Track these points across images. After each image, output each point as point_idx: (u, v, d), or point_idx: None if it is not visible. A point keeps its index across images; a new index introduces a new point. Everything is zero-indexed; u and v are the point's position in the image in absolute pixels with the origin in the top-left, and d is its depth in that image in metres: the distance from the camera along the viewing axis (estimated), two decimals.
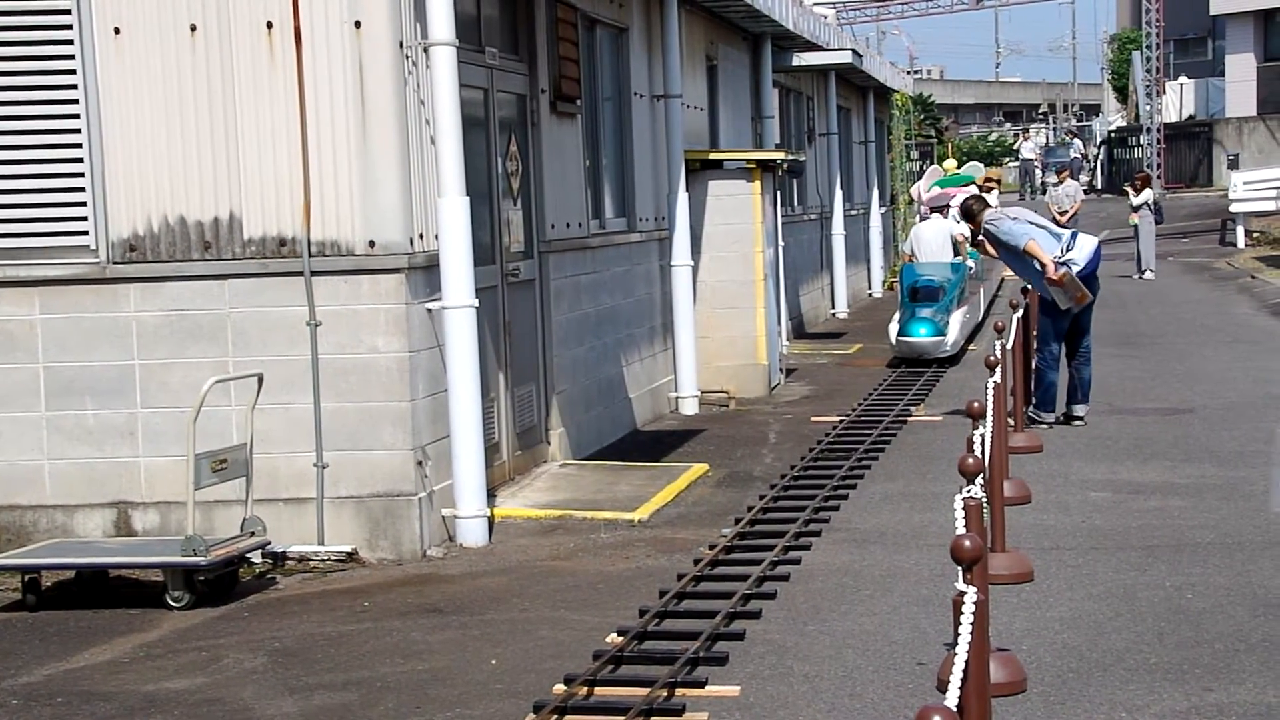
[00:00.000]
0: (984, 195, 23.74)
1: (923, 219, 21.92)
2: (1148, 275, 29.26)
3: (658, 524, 10.09)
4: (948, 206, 20.85)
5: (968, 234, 20.76)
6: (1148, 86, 56.28)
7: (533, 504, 10.48)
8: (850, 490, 10.76)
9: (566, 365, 12.21)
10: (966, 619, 4.08)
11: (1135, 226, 29.60)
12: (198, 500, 8.52)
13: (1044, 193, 67.95)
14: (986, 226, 13.39)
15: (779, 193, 17.87)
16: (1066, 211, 30.37)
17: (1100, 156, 65.97)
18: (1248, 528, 9.27)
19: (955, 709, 3.63)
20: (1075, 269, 12.89)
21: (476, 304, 9.48)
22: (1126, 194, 31.11)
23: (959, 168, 32.98)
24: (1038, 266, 12.92)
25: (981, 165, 33.52)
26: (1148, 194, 29.45)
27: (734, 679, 6.67)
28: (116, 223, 9.33)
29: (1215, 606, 7.60)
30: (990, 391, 8.39)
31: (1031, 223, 13.44)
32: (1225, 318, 22.00)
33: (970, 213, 13.76)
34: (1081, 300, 12.96)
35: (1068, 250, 12.97)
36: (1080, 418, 13.31)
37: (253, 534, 8.84)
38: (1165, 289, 27.52)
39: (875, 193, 30.54)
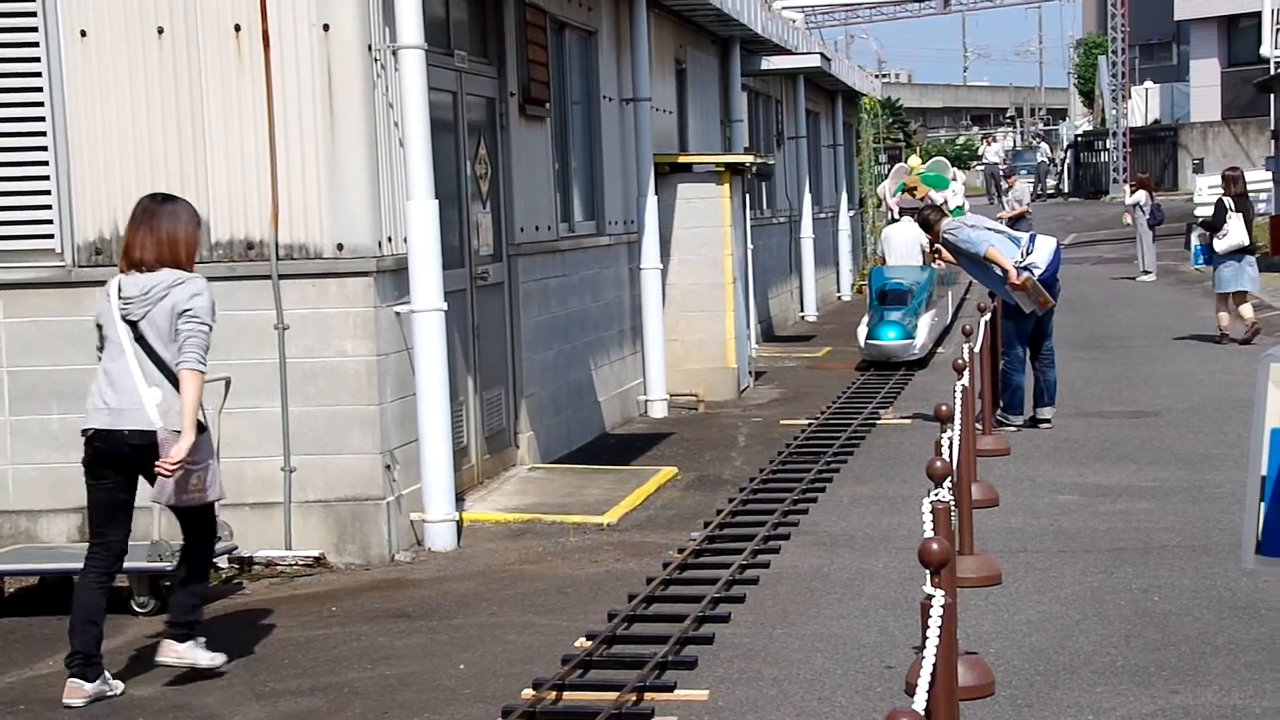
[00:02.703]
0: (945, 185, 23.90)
1: (893, 220, 21.94)
2: (1141, 278, 29.45)
3: (626, 527, 10.08)
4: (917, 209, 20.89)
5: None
6: (1113, 91, 56.53)
7: (501, 508, 10.46)
8: (819, 493, 10.76)
9: (535, 368, 12.19)
10: (934, 622, 4.08)
11: (1134, 226, 29.89)
12: None
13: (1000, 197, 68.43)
14: (945, 235, 13.43)
15: (748, 196, 17.89)
16: (1016, 208, 30.48)
17: (1067, 160, 66.24)
18: (1214, 530, 9.31)
19: (923, 712, 3.63)
20: (1036, 272, 12.93)
21: (445, 307, 9.46)
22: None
23: (924, 164, 33.06)
24: (999, 272, 12.96)
25: (946, 160, 33.57)
26: (1140, 195, 29.64)
27: (703, 683, 6.67)
28: (82, 226, 9.28)
29: (1182, 609, 7.63)
30: (958, 395, 8.41)
31: (989, 229, 13.50)
32: (1190, 320, 22.09)
33: (927, 223, 13.82)
34: (1045, 304, 13.00)
35: (1028, 254, 13.02)
36: (1046, 420, 13.35)
37: (219, 539, 8.79)
38: (1131, 292, 27.65)
39: (844, 196, 30.59)
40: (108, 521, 6.98)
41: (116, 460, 6.88)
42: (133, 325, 6.87)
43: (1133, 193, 30.24)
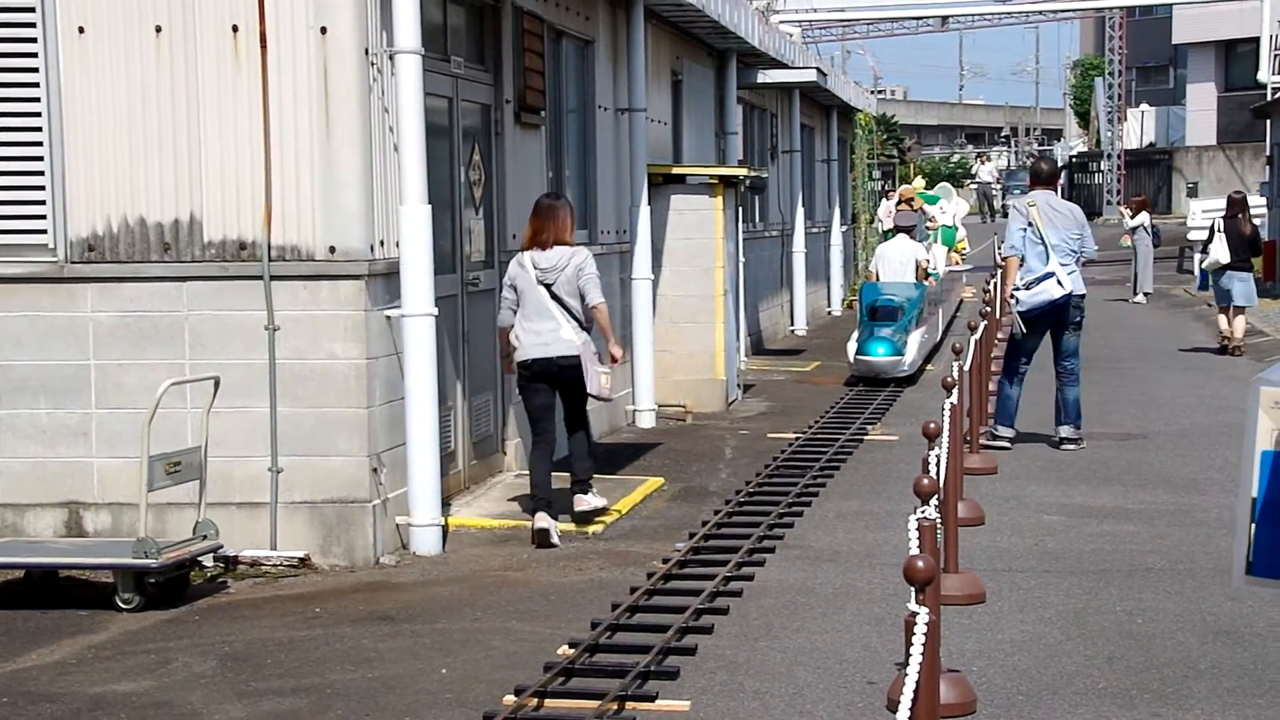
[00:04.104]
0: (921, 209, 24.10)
1: (886, 236, 21.97)
2: (1138, 299, 29.61)
3: (612, 536, 10.08)
4: (914, 227, 20.89)
5: (929, 258, 20.91)
6: (1109, 113, 56.68)
7: (487, 514, 10.46)
8: (805, 507, 10.77)
9: None
10: (918, 639, 4.08)
11: (1133, 248, 30.02)
12: (150, 502, 8.47)
13: (1005, 215, 68.28)
14: (1011, 203, 13.64)
15: (741, 209, 17.90)
16: None
17: (1061, 181, 66.38)
18: (1199, 554, 9.33)
19: None
20: (1018, 308, 12.95)
21: (436, 312, 9.46)
22: (1122, 216, 31.38)
23: (928, 187, 33.13)
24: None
25: (950, 186, 33.57)
26: (1144, 217, 29.80)
27: (684, 694, 6.67)
28: (75, 222, 9.28)
29: (1165, 632, 7.64)
30: (946, 412, 8.42)
31: (1023, 233, 13.01)
32: (1183, 343, 22.13)
33: (1035, 174, 13.89)
34: (1025, 332, 13.06)
35: (1028, 286, 12.94)
36: (1068, 440, 13.16)
37: (205, 537, 8.80)
38: (1123, 315, 27.68)
39: (836, 211, 30.62)
40: (544, 419, 10.09)
41: (547, 377, 9.95)
42: (548, 287, 9.89)
43: (1134, 215, 30.28)
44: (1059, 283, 12.91)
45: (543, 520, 9.79)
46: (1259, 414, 3.72)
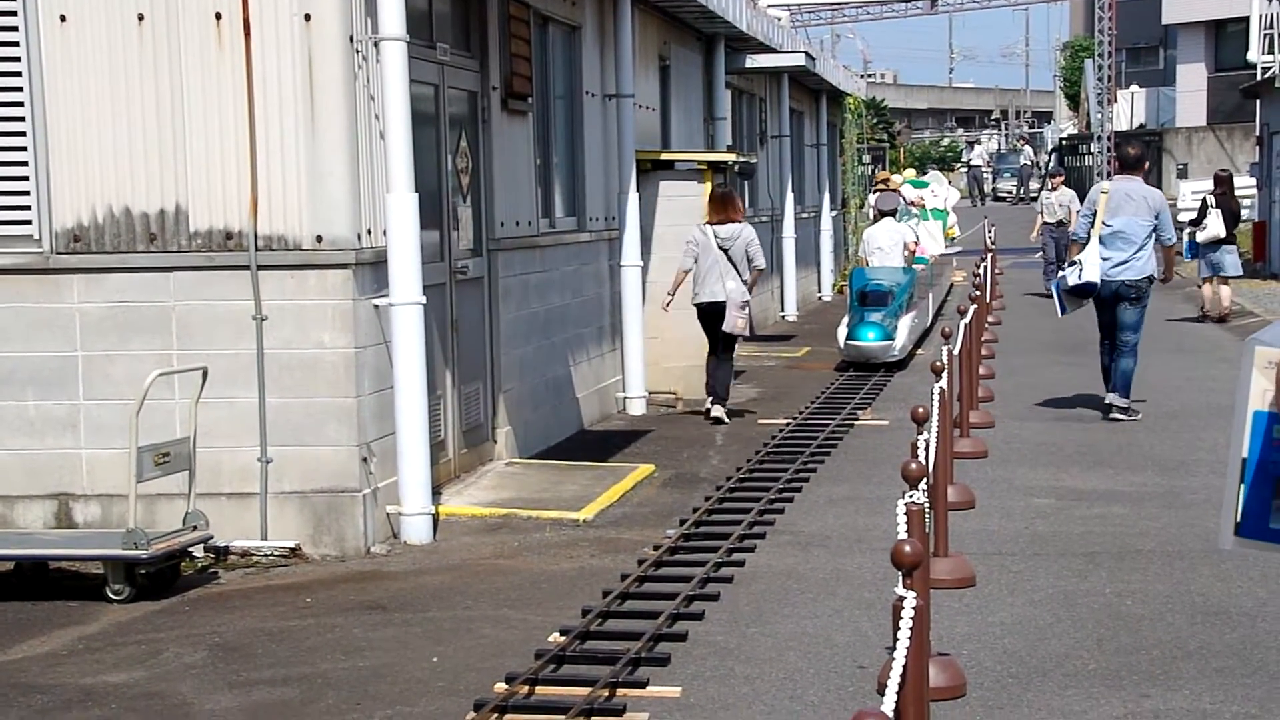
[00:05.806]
0: (896, 192, 24.18)
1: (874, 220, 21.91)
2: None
3: (602, 524, 10.08)
4: (895, 210, 20.86)
5: (915, 240, 20.89)
6: (1099, 94, 56.64)
7: (478, 502, 10.45)
8: (795, 493, 10.77)
9: (514, 364, 12.18)
10: (905, 624, 4.08)
11: None
12: (140, 493, 8.46)
13: (995, 199, 68.20)
14: (1091, 189, 14.50)
15: None
16: (1064, 224, 29.51)
17: (1051, 164, 66.37)
18: (1188, 536, 9.33)
19: (892, 713, 3.63)
20: (1071, 281, 13.61)
21: (424, 301, 9.44)
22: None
23: (919, 175, 33.16)
24: None
25: (941, 174, 33.55)
26: None
27: (675, 680, 6.67)
28: (61, 213, 9.25)
29: (1154, 614, 7.65)
30: (936, 397, 8.41)
31: (1090, 219, 13.64)
32: (1171, 327, 22.15)
33: (1121, 160, 14.14)
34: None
35: (1071, 264, 13.71)
36: (1116, 408, 13.71)
37: (195, 528, 8.79)
38: None
39: (826, 196, 30.59)
40: (714, 342, 14.20)
41: (713, 314, 14.02)
42: (725, 252, 13.83)
43: None
44: (1079, 272, 13.56)
45: (717, 410, 14.04)
46: (1253, 373, 3.68)
